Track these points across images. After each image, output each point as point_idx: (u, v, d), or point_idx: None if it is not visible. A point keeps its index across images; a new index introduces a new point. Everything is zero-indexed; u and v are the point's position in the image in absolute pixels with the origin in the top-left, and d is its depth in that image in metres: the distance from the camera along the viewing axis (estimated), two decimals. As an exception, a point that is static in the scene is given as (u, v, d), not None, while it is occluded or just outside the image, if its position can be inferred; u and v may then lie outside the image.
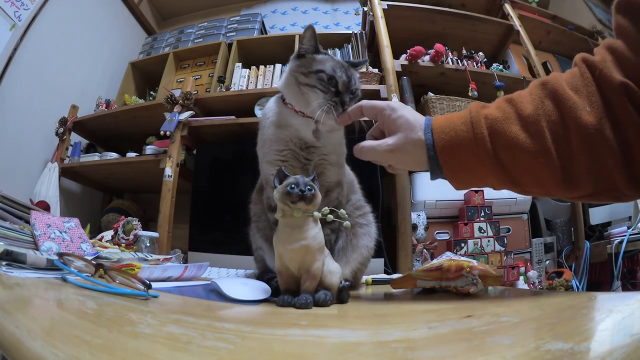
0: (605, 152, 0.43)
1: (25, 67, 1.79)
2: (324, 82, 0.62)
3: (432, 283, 0.62)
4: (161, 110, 1.75)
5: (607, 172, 0.44)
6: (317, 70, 0.63)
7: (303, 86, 0.63)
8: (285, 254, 0.49)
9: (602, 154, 0.43)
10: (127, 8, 2.52)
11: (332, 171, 0.69)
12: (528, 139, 0.45)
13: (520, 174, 0.47)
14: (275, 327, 0.36)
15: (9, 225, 0.71)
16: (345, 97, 0.62)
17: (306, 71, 0.64)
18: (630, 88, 0.41)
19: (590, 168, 0.44)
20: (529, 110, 0.46)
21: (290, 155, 0.66)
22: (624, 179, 0.43)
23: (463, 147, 0.48)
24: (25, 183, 1.77)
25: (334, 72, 0.62)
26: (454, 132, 0.48)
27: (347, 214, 0.53)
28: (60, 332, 0.26)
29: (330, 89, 0.62)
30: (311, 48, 0.66)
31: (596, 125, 0.42)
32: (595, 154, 0.43)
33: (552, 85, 0.46)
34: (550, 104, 0.45)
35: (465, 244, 1.43)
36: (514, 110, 0.47)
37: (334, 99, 0.61)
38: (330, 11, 2.73)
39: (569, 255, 1.65)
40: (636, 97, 0.41)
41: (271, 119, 0.68)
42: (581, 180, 0.45)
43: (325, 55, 0.66)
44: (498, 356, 0.23)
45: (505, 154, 0.46)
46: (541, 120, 0.45)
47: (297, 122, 0.66)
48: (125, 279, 0.49)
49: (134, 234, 1.32)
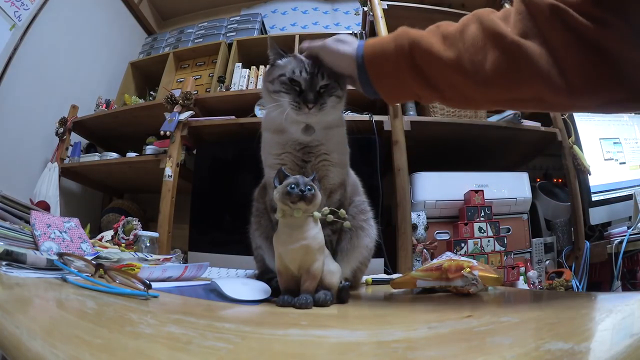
0: (527, 64, 0.47)
1: (25, 67, 1.78)
2: (286, 84, 0.63)
3: (432, 283, 0.62)
4: (161, 110, 1.75)
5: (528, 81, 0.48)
6: (279, 75, 0.64)
7: (272, 93, 0.65)
8: (285, 254, 0.49)
9: (522, 64, 0.47)
10: (127, 8, 2.52)
11: (334, 172, 0.69)
12: (442, 47, 0.52)
13: (436, 79, 0.53)
14: (275, 327, 0.36)
15: (9, 225, 0.71)
16: (308, 95, 0.62)
17: (271, 79, 0.66)
18: (559, 8, 0.45)
19: (506, 74, 0.48)
20: (452, 29, 0.53)
21: (288, 158, 0.67)
22: (550, 88, 0.47)
23: (386, 55, 0.56)
24: (25, 183, 1.77)
25: (293, 74, 0.63)
26: (380, 45, 0.57)
27: (351, 217, 0.53)
28: (60, 332, 0.26)
29: (294, 89, 0.63)
30: (276, 56, 0.68)
31: (516, 40, 0.47)
32: (513, 63, 0.47)
33: (479, 13, 0.52)
34: (474, 26, 0.51)
35: (465, 244, 1.43)
36: (439, 29, 0.54)
37: (296, 100, 0.62)
38: (330, 11, 2.73)
39: (569, 255, 1.64)
40: (566, 15, 0.45)
41: (267, 124, 0.70)
42: (495, 84, 0.50)
43: (288, 58, 0.67)
44: (498, 356, 0.23)
45: (422, 61, 0.53)
46: (460, 35, 0.51)
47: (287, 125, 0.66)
48: (125, 279, 0.49)
49: (134, 234, 1.32)
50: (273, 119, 0.67)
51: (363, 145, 1.43)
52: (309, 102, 0.61)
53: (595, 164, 1.62)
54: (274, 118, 0.66)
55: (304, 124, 0.65)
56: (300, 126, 0.66)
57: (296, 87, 0.63)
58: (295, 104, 0.62)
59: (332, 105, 0.64)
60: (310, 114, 0.62)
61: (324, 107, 0.63)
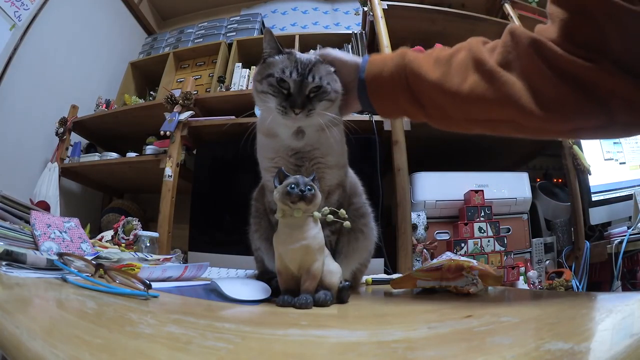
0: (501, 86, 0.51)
1: (25, 67, 1.78)
2: (273, 86, 0.59)
3: (432, 283, 0.63)
4: (161, 110, 1.75)
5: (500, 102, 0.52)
6: (267, 74, 0.60)
7: (260, 94, 0.61)
8: (285, 254, 0.49)
9: (496, 86, 0.52)
10: (127, 8, 2.52)
11: (331, 174, 0.66)
12: (432, 68, 0.57)
13: (421, 95, 0.59)
14: (275, 327, 0.36)
15: (9, 225, 0.71)
16: (296, 99, 0.58)
17: (260, 77, 0.61)
18: (539, 41, 0.49)
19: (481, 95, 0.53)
20: (444, 53, 0.58)
21: (281, 162, 0.65)
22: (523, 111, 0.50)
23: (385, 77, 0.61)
24: (25, 183, 1.77)
25: (283, 74, 0.59)
26: (381, 65, 0.61)
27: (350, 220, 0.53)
28: (60, 332, 0.26)
29: (282, 92, 0.59)
30: (272, 51, 0.63)
31: (494, 65, 0.52)
32: (489, 84, 0.52)
33: (472, 41, 0.58)
34: (464, 52, 0.56)
35: (465, 244, 1.43)
36: (433, 52, 0.60)
37: (282, 104, 0.58)
38: (330, 11, 2.73)
39: (569, 255, 1.64)
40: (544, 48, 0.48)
41: (261, 126, 0.67)
42: (471, 103, 0.54)
43: (283, 56, 0.62)
44: (498, 356, 0.23)
45: (412, 80, 0.58)
46: (449, 58, 0.57)
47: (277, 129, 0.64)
48: (125, 279, 0.49)
49: (134, 234, 1.32)
50: (264, 121, 0.65)
51: (363, 145, 1.43)
52: (296, 107, 0.57)
53: (595, 163, 1.62)
54: (265, 120, 0.64)
55: (294, 128, 0.62)
56: (290, 130, 0.62)
57: (284, 89, 0.59)
58: (282, 108, 0.58)
59: (322, 110, 0.60)
60: (297, 119, 0.58)
61: (312, 113, 0.59)
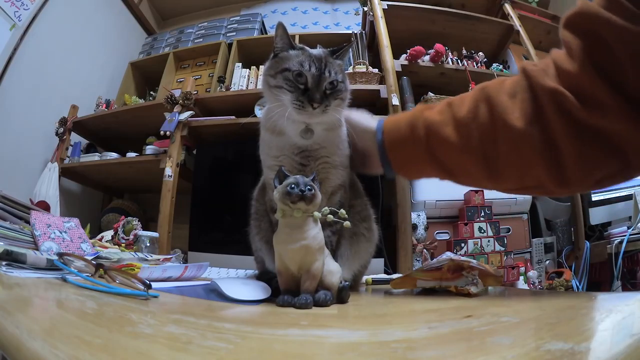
0: (531, 153, 0.48)
1: (25, 67, 1.78)
2: (289, 80, 0.58)
3: (432, 283, 0.62)
4: (161, 110, 1.75)
5: (532, 171, 0.50)
6: (283, 69, 0.59)
7: (273, 88, 0.60)
8: (285, 254, 0.49)
9: (527, 154, 0.49)
10: (127, 8, 2.52)
11: (335, 174, 0.66)
12: (457, 138, 0.53)
13: (452, 167, 0.57)
14: (275, 327, 0.36)
15: (9, 225, 0.71)
16: (314, 94, 0.57)
17: (274, 72, 0.60)
18: (560, 93, 0.46)
19: (514, 166, 0.51)
20: (463, 113, 0.54)
21: (286, 161, 0.64)
22: (551, 178, 0.49)
23: (405, 145, 0.59)
24: (25, 183, 1.77)
25: (301, 67, 0.57)
26: (399, 132, 0.59)
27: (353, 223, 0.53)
28: (60, 332, 0.26)
29: (299, 87, 0.58)
30: (285, 46, 0.62)
31: (523, 128, 0.48)
32: (520, 154, 0.49)
33: (488, 90, 0.53)
34: (484, 108, 0.52)
35: (465, 244, 1.43)
36: (451, 114, 0.55)
37: (299, 99, 0.57)
38: (330, 11, 2.73)
39: (569, 255, 1.64)
40: (566, 102, 0.45)
41: (266, 123, 0.67)
42: (505, 176, 0.53)
43: (297, 51, 0.61)
44: (498, 356, 0.23)
45: (439, 151, 0.56)
46: (472, 122, 0.53)
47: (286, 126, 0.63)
48: (125, 279, 0.49)
49: (134, 234, 1.32)
50: (272, 118, 0.63)
51: (363, 145, 1.43)
52: (315, 101, 0.57)
53: (595, 164, 1.62)
54: (273, 118, 0.63)
55: (303, 126, 0.62)
56: (299, 128, 0.62)
57: (301, 84, 0.58)
58: (299, 102, 0.57)
59: (334, 108, 0.60)
60: (313, 114, 0.58)
61: (328, 109, 0.59)
